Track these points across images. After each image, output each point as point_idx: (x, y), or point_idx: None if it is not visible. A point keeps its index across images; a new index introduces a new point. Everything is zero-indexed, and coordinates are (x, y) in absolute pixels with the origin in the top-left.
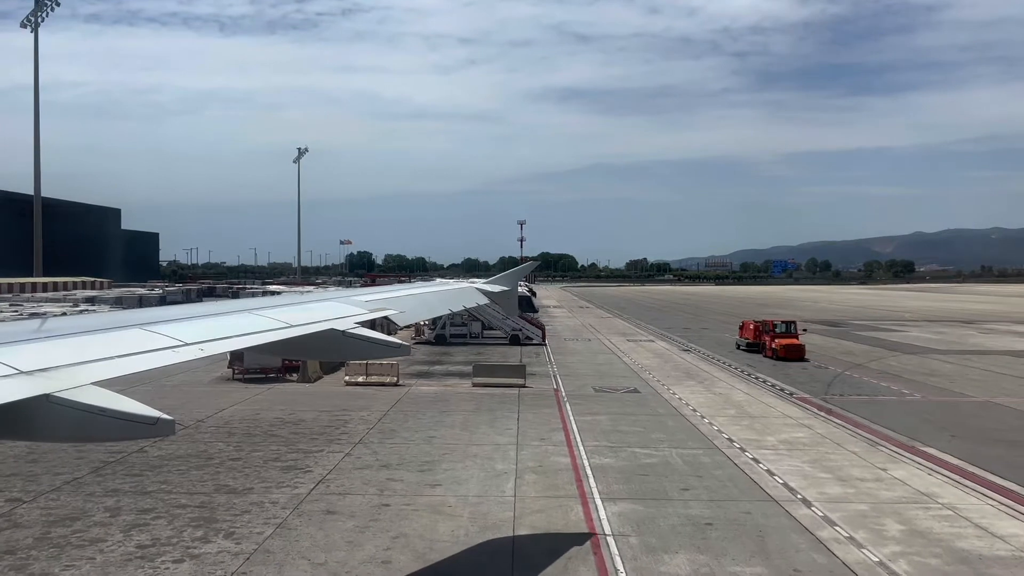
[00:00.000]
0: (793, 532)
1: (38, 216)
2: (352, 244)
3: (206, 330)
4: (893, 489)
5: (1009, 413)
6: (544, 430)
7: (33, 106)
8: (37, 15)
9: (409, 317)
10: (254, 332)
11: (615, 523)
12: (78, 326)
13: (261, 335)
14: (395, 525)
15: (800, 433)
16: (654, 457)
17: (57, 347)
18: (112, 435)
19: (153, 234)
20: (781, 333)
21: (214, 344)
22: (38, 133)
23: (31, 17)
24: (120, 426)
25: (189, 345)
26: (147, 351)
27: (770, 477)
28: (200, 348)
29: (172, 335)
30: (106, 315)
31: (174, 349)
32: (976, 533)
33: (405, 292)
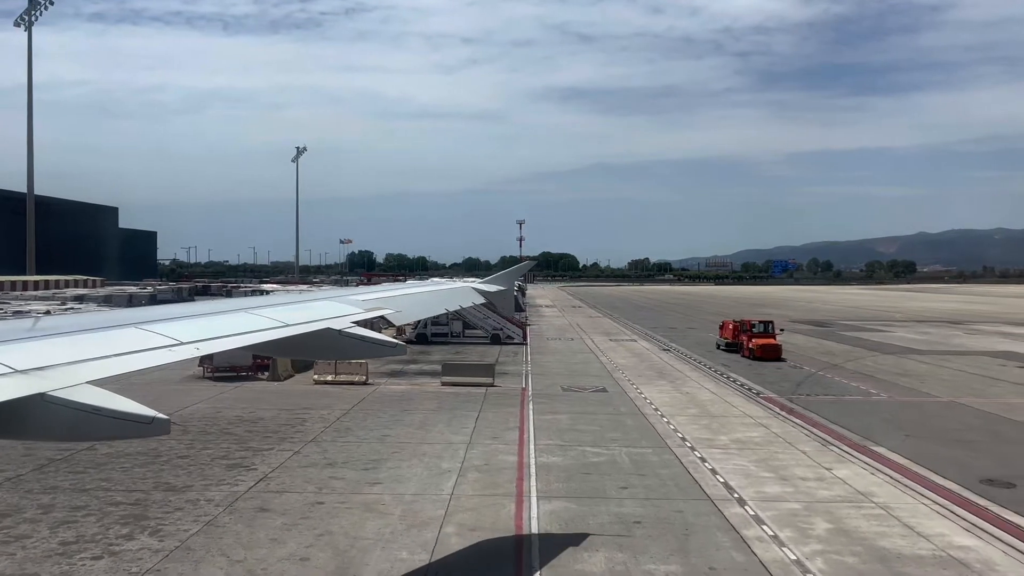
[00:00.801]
0: (719, 531)
1: (31, 215)
2: (352, 243)
3: (202, 329)
4: (832, 488)
5: (970, 413)
6: (500, 429)
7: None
8: (31, 14)
9: (405, 317)
10: (250, 331)
11: (544, 521)
12: (73, 325)
13: (257, 334)
14: (323, 523)
15: (755, 432)
16: (602, 456)
17: (52, 346)
18: (107, 434)
19: (151, 233)
20: (758, 333)
21: (210, 343)
22: (31, 132)
23: (24, 16)
24: (115, 425)
25: (185, 344)
26: (143, 350)
27: (712, 476)
28: (196, 347)
29: (168, 334)
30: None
31: (170, 348)
32: (902, 532)
33: (401, 292)
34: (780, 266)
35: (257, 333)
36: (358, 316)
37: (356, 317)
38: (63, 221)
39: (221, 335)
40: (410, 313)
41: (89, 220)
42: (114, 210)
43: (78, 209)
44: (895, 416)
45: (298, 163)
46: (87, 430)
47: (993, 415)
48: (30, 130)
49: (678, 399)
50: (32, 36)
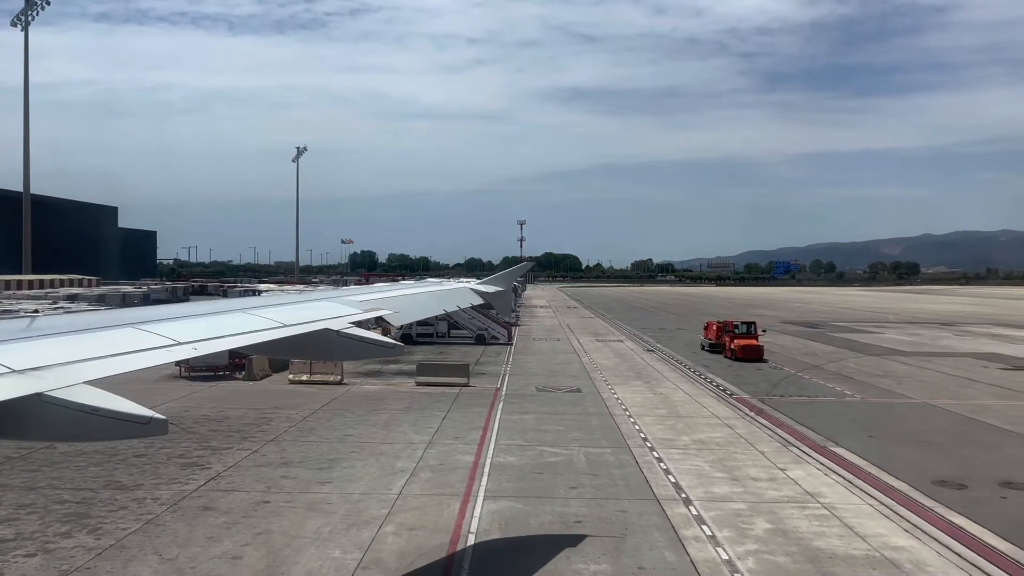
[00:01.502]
0: (658, 530)
1: (27, 214)
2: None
3: (200, 329)
4: (781, 489)
5: (940, 415)
6: (464, 429)
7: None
8: (27, 13)
9: (403, 317)
10: (248, 331)
11: (485, 521)
12: (71, 325)
13: (255, 334)
14: (264, 522)
15: (718, 433)
16: (560, 456)
17: (49, 346)
18: (105, 434)
19: (150, 232)
20: (740, 334)
21: (208, 343)
22: (28, 131)
23: (21, 15)
24: (113, 425)
25: (183, 344)
26: (140, 350)
27: (664, 476)
28: (194, 347)
29: (166, 334)
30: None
31: (168, 348)
32: (840, 533)
33: (400, 292)
34: (782, 267)
35: (255, 333)
36: (356, 317)
37: (354, 318)
38: (62, 221)
39: (219, 335)
40: (408, 314)
41: (88, 220)
42: (113, 210)
43: (77, 209)
44: (863, 417)
45: (298, 163)
46: (84, 430)
47: (962, 416)
48: (26, 129)
49: (650, 400)
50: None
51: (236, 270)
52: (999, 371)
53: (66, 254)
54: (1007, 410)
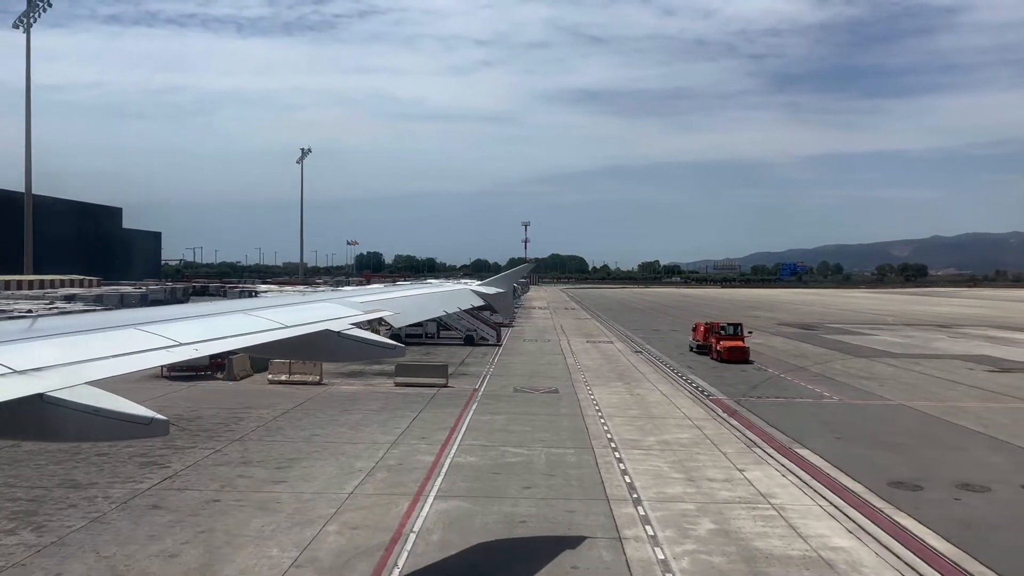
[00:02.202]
0: (600, 530)
1: (28, 214)
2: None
3: (201, 330)
4: (735, 490)
5: (913, 416)
6: (432, 430)
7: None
8: (29, 16)
9: (404, 318)
10: (249, 333)
11: (430, 520)
12: (72, 326)
13: (256, 335)
14: (209, 521)
15: (686, 434)
16: (521, 456)
17: (51, 347)
18: (106, 435)
19: (155, 233)
20: (726, 335)
21: (208, 344)
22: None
23: (23, 18)
24: (114, 426)
25: (184, 345)
26: (141, 351)
27: (621, 477)
28: (195, 348)
29: (167, 335)
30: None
31: (168, 349)
32: (783, 533)
33: (400, 293)
34: (789, 269)
35: (256, 334)
36: (357, 318)
37: (355, 319)
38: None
39: (220, 336)
40: (409, 315)
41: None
42: (118, 210)
43: (81, 210)
44: (836, 419)
45: (302, 164)
46: (85, 431)
47: (935, 418)
48: (28, 130)
49: (626, 401)
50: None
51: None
52: (985, 373)
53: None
54: (982, 412)
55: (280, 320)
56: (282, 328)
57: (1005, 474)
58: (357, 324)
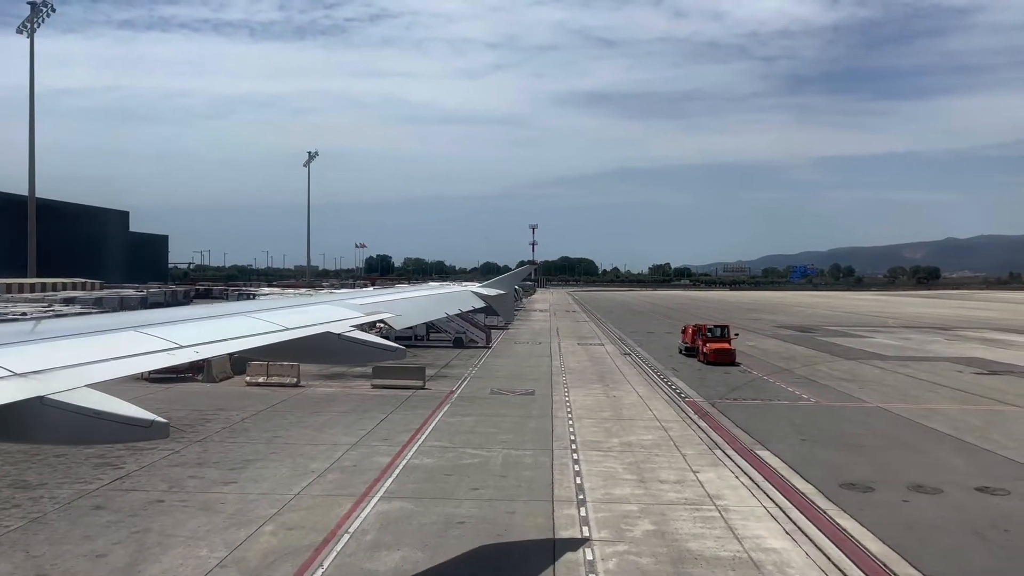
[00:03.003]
0: (536, 531)
1: (32, 218)
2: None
3: (201, 333)
4: (684, 491)
5: (886, 418)
6: (397, 431)
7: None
8: (33, 21)
9: (405, 320)
10: (250, 335)
11: (368, 521)
12: (72, 328)
13: (257, 338)
14: (148, 521)
15: (650, 436)
16: (478, 458)
17: (51, 349)
18: (106, 437)
19: (162, 236)
20: (713, 337)
21: (209, 347)
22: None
23: (27, 23)
24: (114, 428)
25: (184, 348)
26: (142, 353)
27: (573, 478)
28: (195, 351)
29: (167, 338)
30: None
31: (169, 352)
32: (720, 535)
33: (401, 295)
34: (799, 271)
35: (257, 337)
36: (358, 320)
37: (356, 321)
38: (72, 225)
39: (220, 339)
40: (409, 317)
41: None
42: (124, 214)
43: (87, 213)
44: (807, 421)
45: (309, 168)
46: (86, 434)
47: (907, 420)
48: (32, 134)
49: (600, 403)
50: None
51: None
52: (972, 376)
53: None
54: (958, 415)
55: (281, 322)
56: (283, 330)
57: (962, 477)
58: (358, 326)
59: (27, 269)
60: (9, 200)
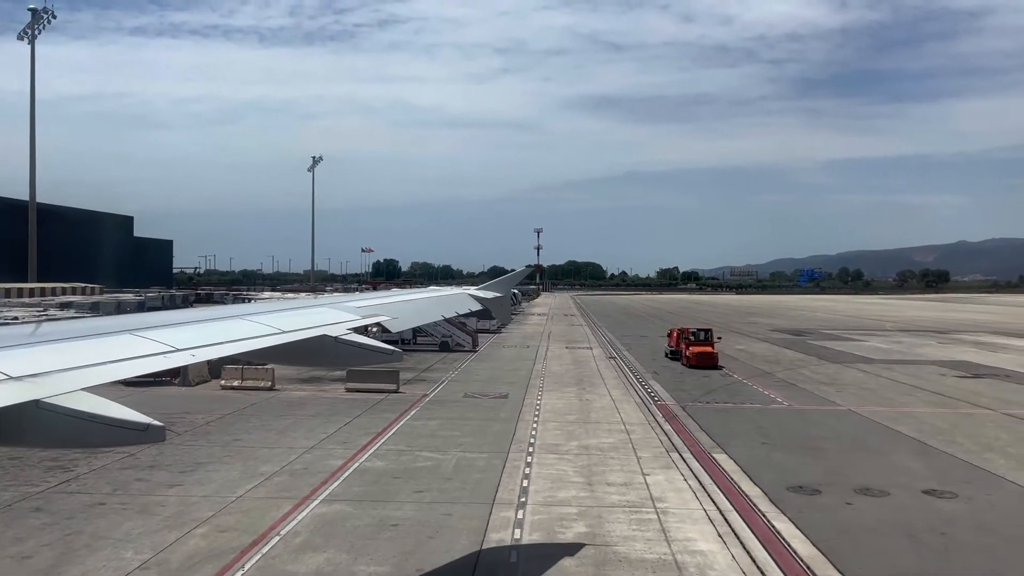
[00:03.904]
0: (467, 533)
1: (33, 222)
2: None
3: (198, 336)
4: (628, 494)
5: (854, 421)
6: (358, 435)
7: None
8: (33, 27)
9: (402, 323)
10: (246, 338)
11: (302, 523)
12: (69, 331)
13: (253, 341)
14: (82, 524)
15: (611, 439)
16: (432, 461)
17: (47, 352)
18: (102, 441)
19: (167, 241)
20: (696, 341)
21: (206, 350)
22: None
23: (27, 29)
24: (110, 432)
25: (180, 351)
26: (138, 357)
27: (519, 481)
28: (192, 354)
29: (163, 340)
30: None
31: (165, 355)
32: (651, 537)
33: (399, 298)
34: (807, 275)
35: (253, 340)
36: (355, 323)
37: (353, 324)
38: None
39: (217, 342)
40: (407, 320)
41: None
42: (128, 219)
43: (91, 218)
44: (773, 424)
45: (313, 173)
46: (82, 437)
47: (875, 423)
48: (32, 139)
49: (571, 406)
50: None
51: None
52: (953, 379)
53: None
54: (928, 418)
55: (278, 325)
56: (279, 333)
57: (913, 480)
58: (355, 329)
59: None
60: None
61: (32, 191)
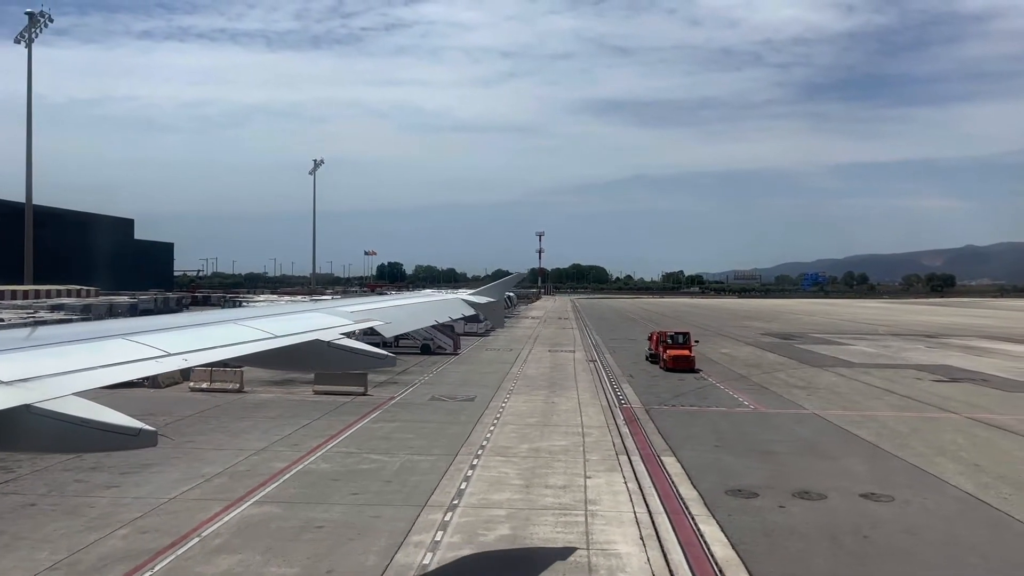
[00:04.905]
0: (388, 535)
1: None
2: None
3: (190, 340)
4: (563, 497)
5: (815, 425)
6: (311, 436)
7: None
8: (31, 31)
9: (395, 328)
10: (239, 343)
11: (227, 525)
12: (61, 335)
13: (245, 345)
14: (9, 524)
15: (564, 442)
16: (376, 463)
17: (39, 357)
18: (94, 446)
19: (167, 244)
20: (673, 344)
21: (198, 355)
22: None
23: (24, 33)
24: (102, 437)
25: (173, 355)
26: (130, 361)
27: (458, 484)
28: (184, 359)
29: (156, 345)
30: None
31: (157, 360)
32: (573, 540)
33: (393, 303)
34: (810, 279)
35: (245, 344)
36: (347, 328)
37: (345, 328)
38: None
39: (209, 346)
40: (400, 324)
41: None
42: (129, 221)
43: (90, 220)
44: (732, 427)
45: (315, 176)
46: (73, 442)
47: (836, 427)
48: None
49: (535, 409)
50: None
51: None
52: (929, 383)
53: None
54: (890, 421)
55: (270, 330)
56: (272, 338)
57: (854, 483)
58: (347, 334)
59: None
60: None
61: (28, 193)
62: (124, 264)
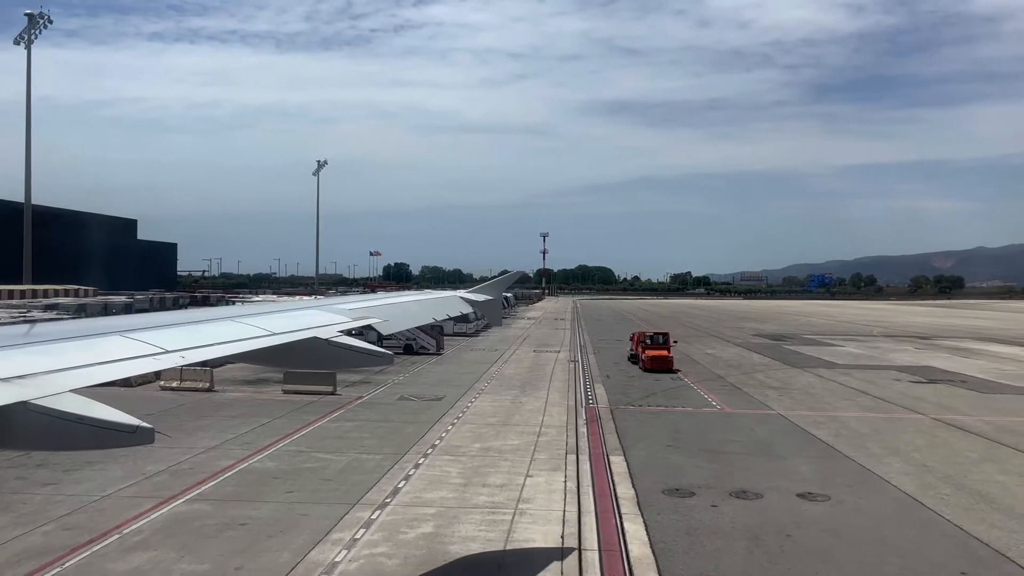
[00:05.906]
0: (310, 532)
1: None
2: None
3: (188, 338)
4: (497, 495)
5: (776, 425)
6: (266, 435)
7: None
8: (30, 32)
9: (392, 326)
10: (236, 340)
11: (153, 522)
12: (59, 332)
13: (243, 343)
14: None
15: (517, 441)
16: (322, 462)
17: (36, 354)
18: (90, 443)
19: (171, 244)
20: (653, 345)
21: (196, 352)
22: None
23: (23, 34)
24: (98, 434)
25: (170, 352)
26: (128, 358)
27: (399, 483)
28: (181, 356)
29: (153, 342)
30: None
31: (155, 357)
32: (494, 538)
33: (389, 301)
34: (817, 280)
35: (243, 342)
36: (345, 325)
37: (343, 326)
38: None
39: (207, 343)
40: (397, 322)
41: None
42: (132, 222)
43: (93, 221)
44: (691, 427)
45: (319, 176)
46: (70, 439)
47: (796, 427)
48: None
49: (500, 409)
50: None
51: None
52: (906, 384)
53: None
54: (853, 422)
55: (268, 327)
56: (269, 335)
57: (795, 483)
58: (345, 331)
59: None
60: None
61: (27, 193)
62: (126, 264)
